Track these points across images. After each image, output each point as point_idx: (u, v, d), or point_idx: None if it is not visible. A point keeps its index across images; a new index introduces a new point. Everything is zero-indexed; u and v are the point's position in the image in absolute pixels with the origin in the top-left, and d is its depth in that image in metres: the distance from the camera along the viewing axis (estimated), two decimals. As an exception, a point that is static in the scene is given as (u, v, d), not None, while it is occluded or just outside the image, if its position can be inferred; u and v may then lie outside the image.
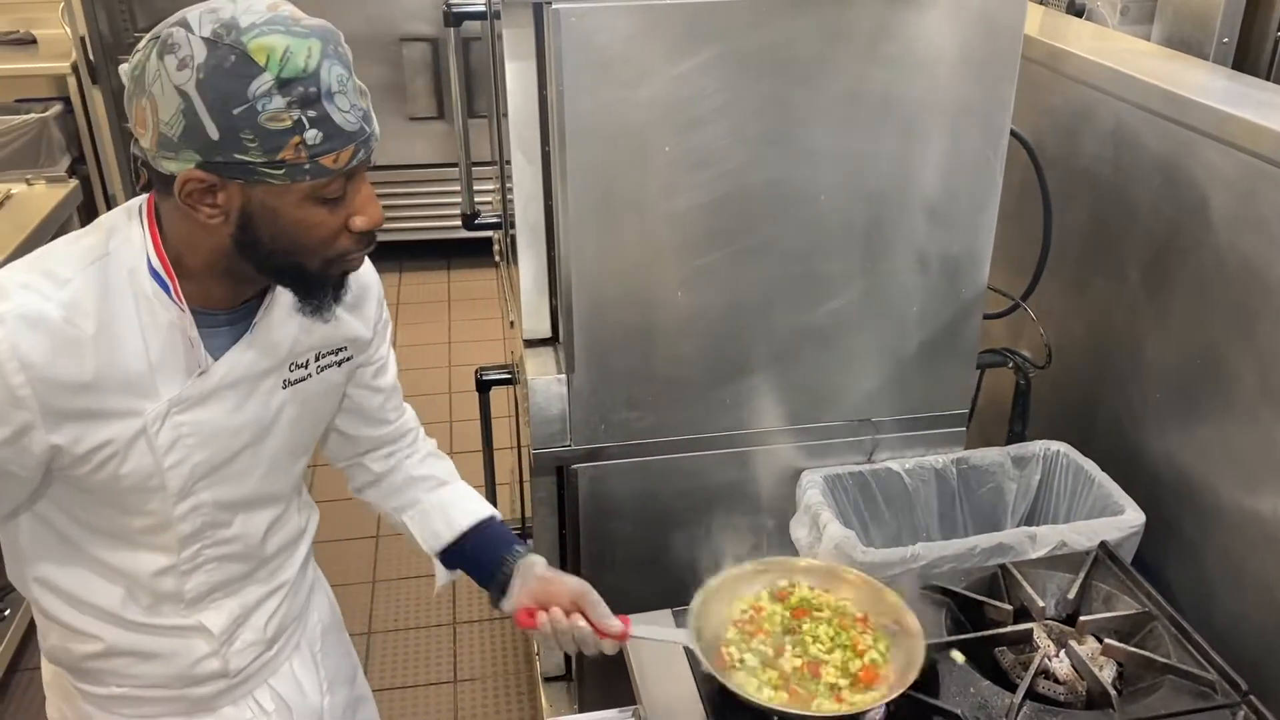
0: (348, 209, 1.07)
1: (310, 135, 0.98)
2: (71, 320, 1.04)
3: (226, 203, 1.02)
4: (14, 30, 4.82)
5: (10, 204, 2.83)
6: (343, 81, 1.01)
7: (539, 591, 1.32)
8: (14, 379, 1.02)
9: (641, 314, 1.82)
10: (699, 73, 1.65)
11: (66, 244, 1.10)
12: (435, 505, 1.41)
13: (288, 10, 1.02)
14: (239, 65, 0.96)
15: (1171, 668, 1.36)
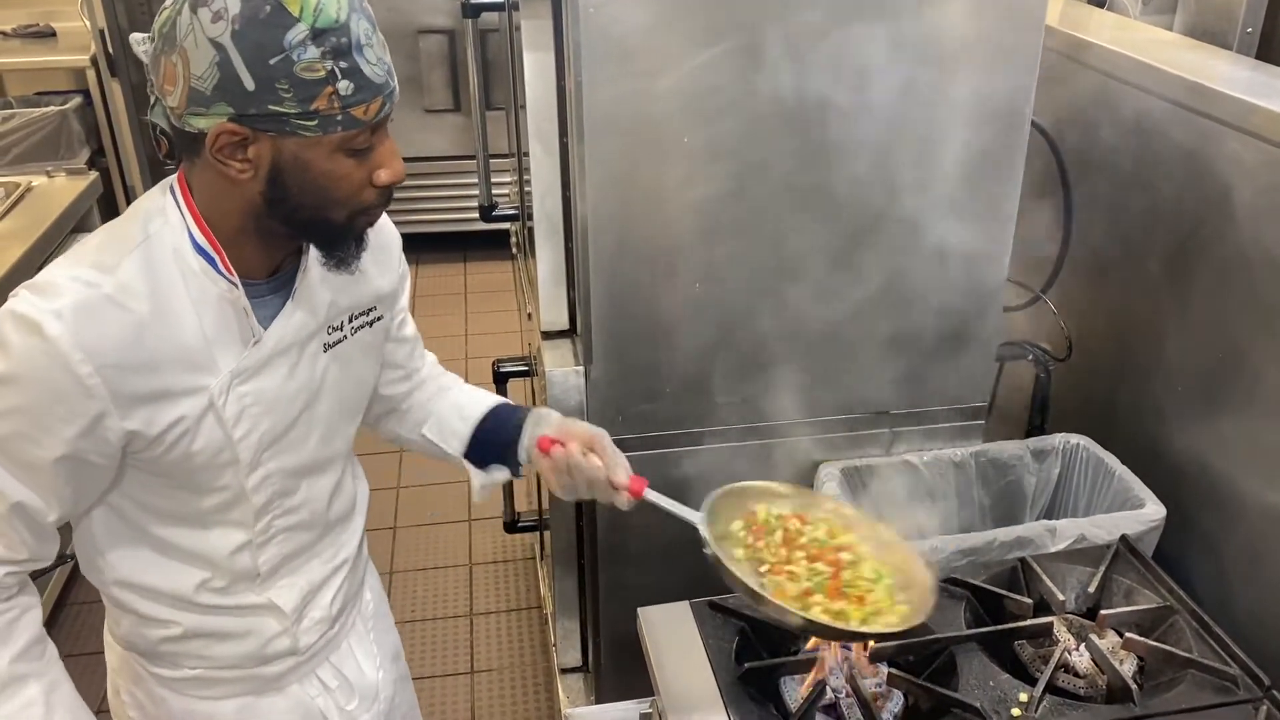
0: (372, 162, 1.09)
1: (343, 86, 1.00)
2: (125, 304, 1.05)
3: (257, 156, 1.04)
4: (33, 23, 4.85)
5: (31, 196, 2.85)
6: (369, 34, 1.03)
7: (556, 433, 1.33)
8: (81, 369, 1.03)
9: (660, 306, 1.81)
10: (718, 64, 1.64)
11: (106, 234, 1.11)
12: (448, 407, 1.45)
13: None
14: (274, 15, 0.97)
15: (1193, 662, 1.35)
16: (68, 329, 1.02)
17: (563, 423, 1.36)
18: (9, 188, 2.86)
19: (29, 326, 1.02)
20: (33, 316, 1.02)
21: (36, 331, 1.02)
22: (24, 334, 1.02)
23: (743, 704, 1.33)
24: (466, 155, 4.65)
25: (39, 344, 1.02)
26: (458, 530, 3.11)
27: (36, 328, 1.02)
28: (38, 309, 1.02)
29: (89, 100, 4.59)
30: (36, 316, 1.02)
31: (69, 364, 1.03)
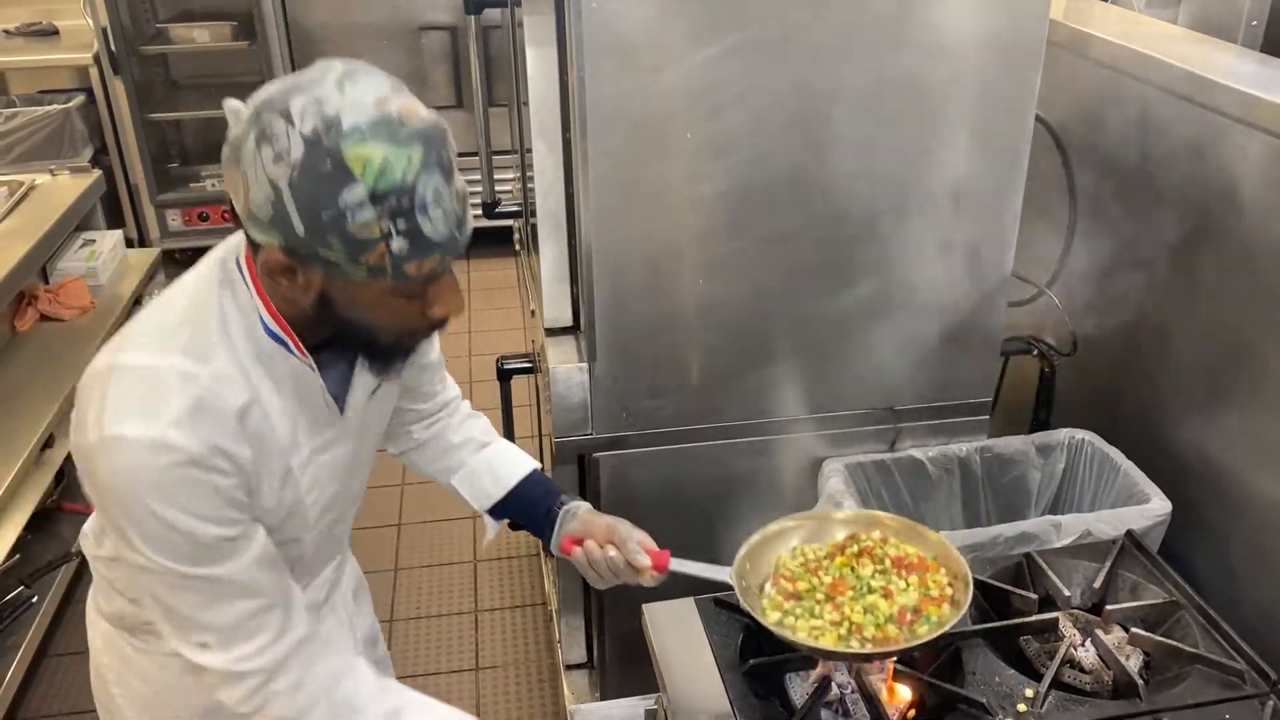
0: (427, 301, 1.09)
1: (397, 244, 0.98)
2: (225, 395, 1.07)
3: (306, 283, 1.04)
4: (36, 21, 4.85)
5: (34, 194, 2.85)
6: (439, 192, 0.99)
7: (578, 531, 1.41)
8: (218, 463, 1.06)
9: (663, 302, 1.81)
10: (721, 59, 1.64)
11: (185, 311, 1.10)
12: (482, 465, 1.48)
13: (398, 106, 0.99)
14: (333, 173, 0.95)
15: (1199, 657, 1.35)
16: (191, 436, 1.04)
17: (585, 518, 1.43)
18: (12, 186, 2.86)
19: (156, 447, 1.03)
20: (156, 437, 1.03)
21: (165, 448, 1.03)
22: (157, 454, 1.03)
23: (748, 700, 1.33)
24: (469, 152, 4.61)
25: (172, 457, 1.04)
26: (462, 527, 3.11)
27: (163, 445, 1.03)
28: (157, 428, 1.03)
29: (92, 98, 4.59)
30: (160, 435, 1.03)
31: (207, 465, 1.05)
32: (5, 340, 2.53)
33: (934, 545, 1.41)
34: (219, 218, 4.74)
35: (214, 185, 4.74)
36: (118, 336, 1.12)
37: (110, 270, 2.86)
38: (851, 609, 1.31)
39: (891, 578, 1.36)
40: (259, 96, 1.00)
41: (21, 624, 2.35)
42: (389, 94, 0.99)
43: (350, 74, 0.99)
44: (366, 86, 0.99)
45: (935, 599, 1.33)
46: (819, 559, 1.43)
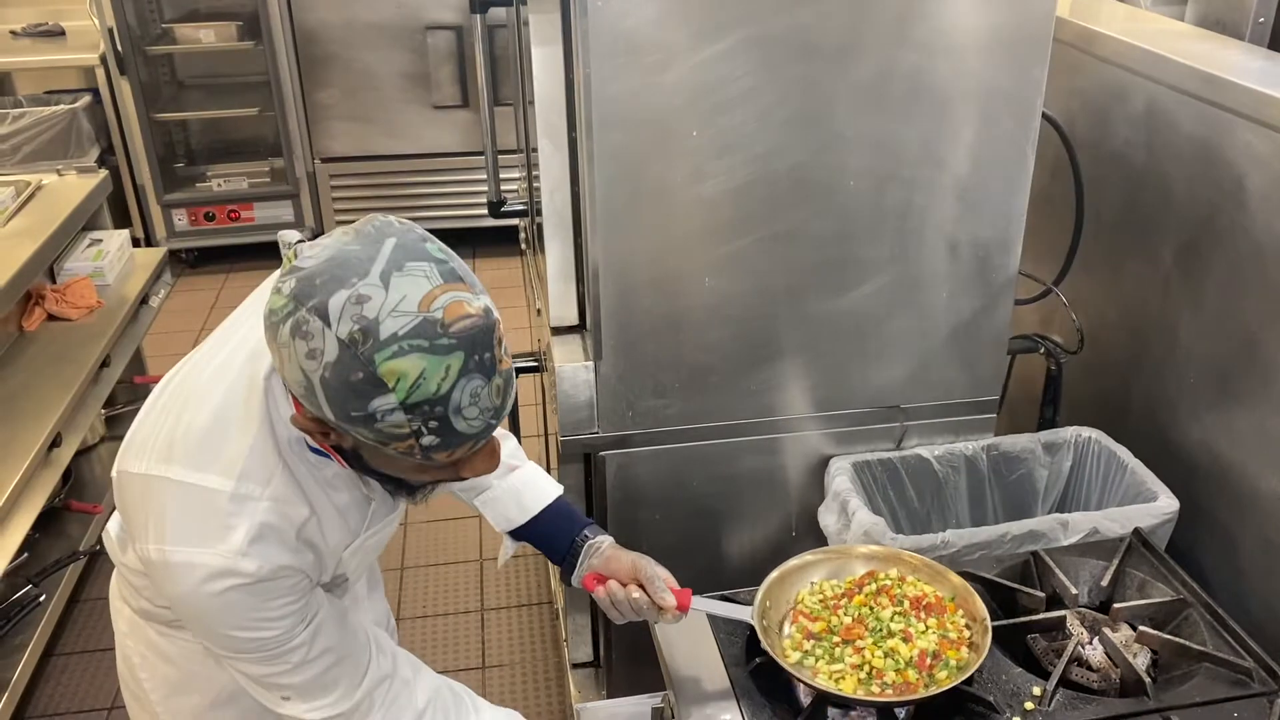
0: (457, 468, 1.08)
1: (427, 440, 0.98)
2: (288, 515, 1.10)
3: (338, 441, 1.05)
4: (42, 22, 4.87)
5: (42, 194, 2.85)
6: (475, 395, 0.97)
7: (601, 568, 1.40)
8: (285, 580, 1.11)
9: (669, 301, 1.81)
10: (726, 56, 1.64)
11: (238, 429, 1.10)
12: (507, 490, 1.48)
13: (444, 305, 0.95)
14: (366, 384, 0.94)
15: (1207, 655, 1.35)
16: (259, 561, 1.07)
17: (610, 554, 1.42)
18: (19, 186, 2.86)
19: (223, 574, 1.06)
20: (221, 567, 1.06)
21: (231, 574, 1.06)
22: (223, 579, 1.07)
23: (754, 699, 1.33)
24: (474, 151, 4.65)
25: (241, 580, 1.07)
26: (468, 526, 3.11)
27: (229, 572, 1.06)
28: (224, 557, 1.06)
29: (98, 98, 4.60)
30: (225, 564, 1.06)
31: (275, 581, 1.10)
32: (12, 339, 2.54)
33: (954, 587, 1.41)
34: (225, 217, 4.75)
35: (220, 185, 4.75)
36: (166, 437, 1.10)
37: (117, 270, 2.86)
38: (872, 653, 1.32)
39: (910, 620, 1.36)
40: (303, 271, 0.96)
41: (29, 623, 2.36)
42: (437, 289, 0.96)
43: (399, 262, 0.95)
44: (413, 281, 0.95)
45: (954, 642, 1.33)
46: (837, 596, 1.43)
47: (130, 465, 1.12)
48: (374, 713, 1.22)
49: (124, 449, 1.15)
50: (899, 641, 1.31)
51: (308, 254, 0.98)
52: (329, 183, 4.75)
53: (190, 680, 1.34)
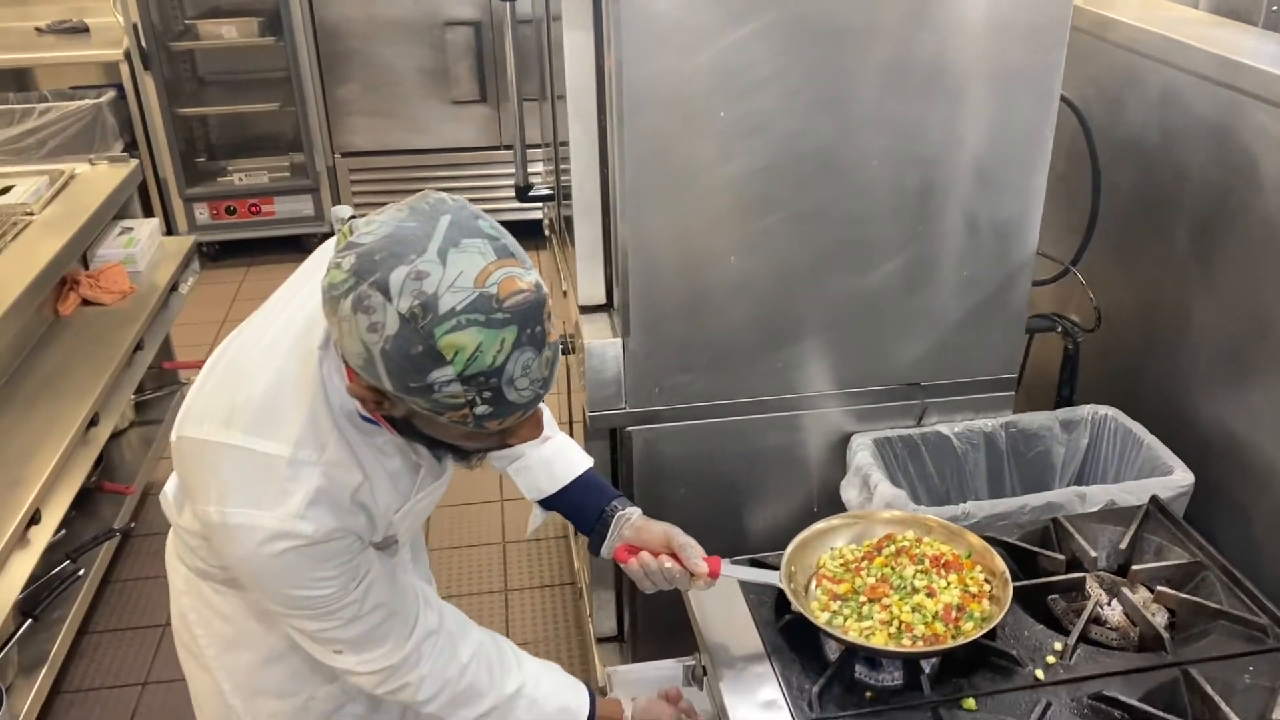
0: (505, 435, 1.12)
1: (480, 409, 1.02)
2: (342, 481, 1.15)
3: (391, 409, 1.10)
4: (66, 19, 4.94)
5: (74, 184, 2.92)
6: (527, 366, 1.02)
7: (632, 538, 1.44)
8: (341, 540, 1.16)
9: (695, 279, 1.85)
10: (753, 40, 1.68)
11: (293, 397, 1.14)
12: (539, 460, 1.51)
13: (499, 280, 0.99)
14: (425, 356, 0.98)
15: (1223, 613, 1.39)
16: (316, 524, 1.13)
17: (640, 525, 1.46)
18: (53, 175, 2.92)
19: (281, 535, 1.12)
20: (280, 529, 1.12)
21: (289, 535, 1.12)
22: (281, 540, 1.12)
23: (784, 654, 1.37)
24: (492, 146, 4.71)
25: (297, 543, 1.13)
26: (491, 510, 3.16)
27: (286, 534, 1.12)
28: (281, 520, 1.12)
29: (122, 94, 4.67)
30: (283, 526, 1.12)
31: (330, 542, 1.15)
32: (49, 323, 2.60)
33: (971, 545, 1.46)
34: (245, 211, 4.82)
35: (241, 179, 4.81)
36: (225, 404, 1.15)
37: (148, 257, 2.92)
38: (900, 608, 1.36)
39: (932, 576, 1.41)
40: (361, 246, 1.00)
41: (66, 598, 2.41)
42: (491, 265, 1.00)
43: (455, 239, 0.99)
44: (470, 257, 0.99)
45: (975, 595, 1.37)
46: (857, 560, 1.48)
47: (190, 431, 1.17)
48: (422, 664, 1.27)
49: (182, 416, 1.20)
50: (924, 597, 1.36)
51: (364, 230, 1.02)
52: (349, 177, 4.81)
53: (243, 637, 1.39)
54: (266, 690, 1.41)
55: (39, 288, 2.44)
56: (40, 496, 2.04)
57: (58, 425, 2.22)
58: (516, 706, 1.34)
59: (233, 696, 1.42)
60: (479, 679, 1.32)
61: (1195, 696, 1.27)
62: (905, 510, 1.67)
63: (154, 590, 2.86)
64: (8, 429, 2.19)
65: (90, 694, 2.54)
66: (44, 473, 2.07)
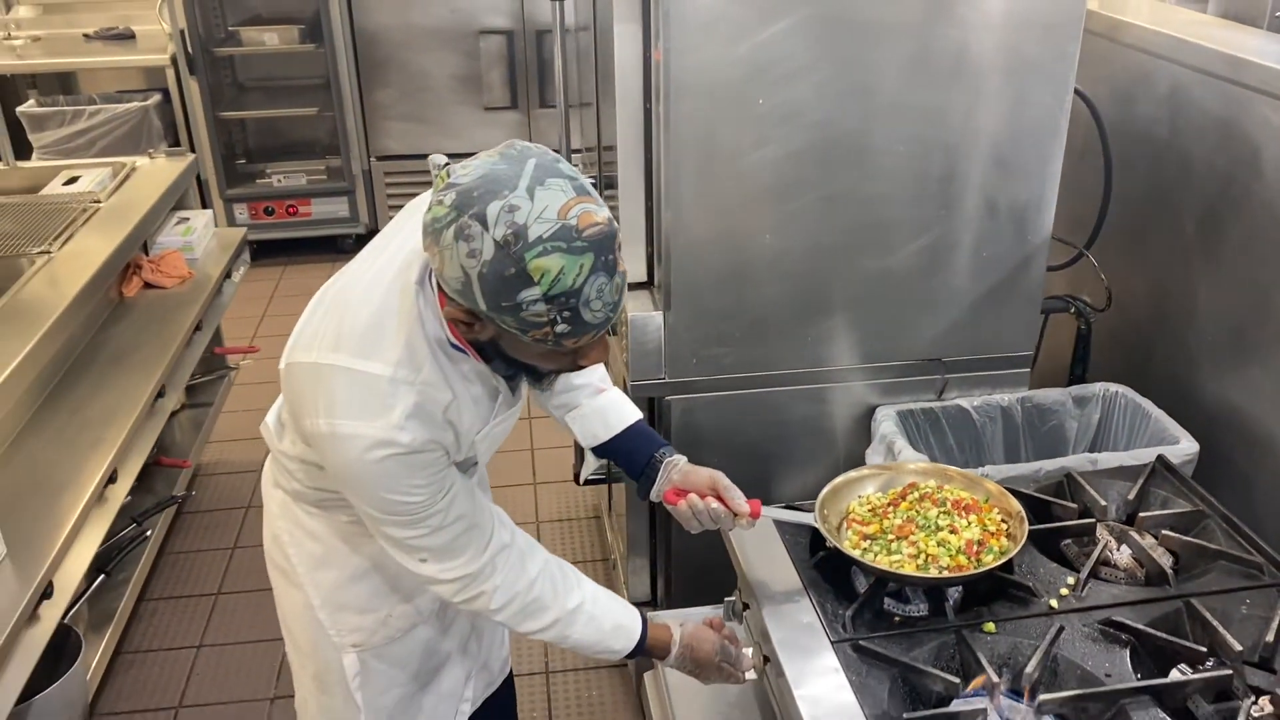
0: (579, 355, 1.27)
1: (560, 328, 1.16)
2: (435, 398, 1.29)
3: (480, 330, 1.24)
4: (114, 26, 5.13)
5: (137, 175, 3.08)
6: (602, 290, 1.15)
7: (680, 482, 1.57)
8: (430, 452, 1.29)
9: (731, 256, 1.99)
10: (788, 34, 1.82)
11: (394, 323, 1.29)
12: (594, 410, 1.65)
13: (578, 214, 1.12)
14: (516, 278, 1.11)
15: (1223, 554, 1.51)
16: (412, 435, 1.26)
17: (686, 469, 1.58)
18: (116, 167, 3.09)
19: (383, 444, 1.25)
20: (383, 437, 1.25)
21: (390, 444, 1.26)
22: (383, 448, 1.26)
23: (819, 586, 1.50)
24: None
25: (396, 450, 1.26)
26: (523, 493, 3.29)
27: (388, 442, 1.25)
28: (383, 430, 1.25)
29: (167, 97, 4.85)
30: (386, 435, 1.25)
31: (423, 453, 1.29)
32: (114, 304, 2.75)
33: (989, 491, 1.59)
34: (283, 212, 4.97)
35: (279, 181, 4.98)
36: (333, 333, 1.30)
37: (204, 245, 3.07)
38: (926, 543, 1.49)
39: (954, 517, 1.53)
40: (460, 185, 1.13)
41: (130, 561, 2.55)
42: (571, 201, 1.13)
43: (540, 178, 1.14)
44: (554, 193, 1.13)
45: (994, 533, 1.50)
46: (883, 505, 1.60)
47: (299, 357, 1.31)
48: (496, 575, 1.40)
49: (291, 346, 1.34)
50: (947, 534, 1.48)
51: (461, 172, 1.16)
52: (383, 180, 4.98)
53: (332, 555, 1.53)
54: (350, 606, 1.54)
55: (109, 269, 2.59)
56: (117, 458, 2.18)
57: (129, 396, 2.36)
58: (577, 620, 1.46)
59: (320, 610, 1.55)
60: (544, 593, 1.44)
61: (1196, 624, 1.39)
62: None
63: (207, 561, 3.00)
64: (85, 397, 2.34)
65: (148, 655, 2.68)
66: (120, 437, 2.22)
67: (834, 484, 1.63)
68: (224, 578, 2.94)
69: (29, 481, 2.06)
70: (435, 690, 1.67)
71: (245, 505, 3.23)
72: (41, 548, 1.89)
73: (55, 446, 2.18)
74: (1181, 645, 1.35)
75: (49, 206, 2.83)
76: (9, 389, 2.10)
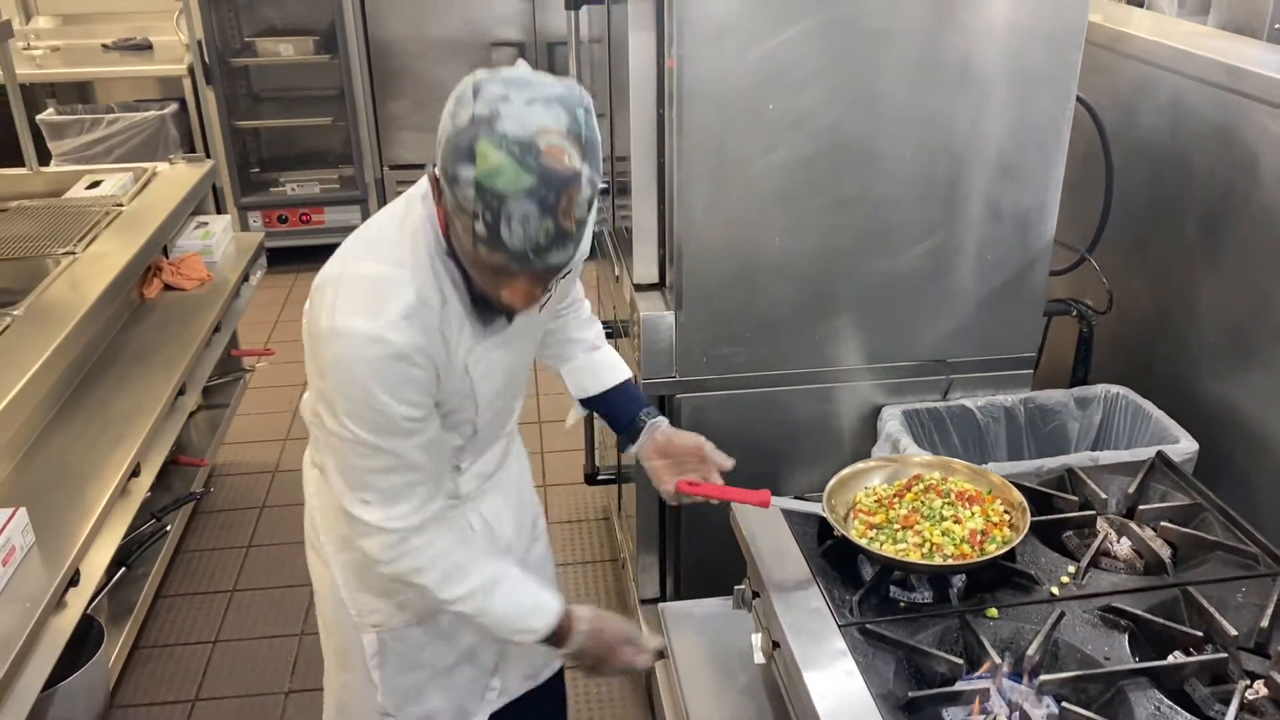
0: (500, 285, 1.30)
1: (479, 227, 1.19)
2: (428, 303, 1.33)
3: (441, 205, 1.29)
4: (131, 37, 5.21)
5: (157, 180, 3.15)
6: (527, 218, 1.16)
7: (664, 445, 1.65)
8: (418, 359, 1.32)
9: (741, 258, 2.04)
10: (797, 41, 1.88)
11: (395, 229, 1.36)
12: (587, 365, 1.73)
13: (550, 144, 1.14)
14: (464, 152, 1.15)
15: (1220, 545, 1.55)
16: (405, 336, 1.30)
17: (670, 434, 1.66)
18: (137, 172, 3.16)
19: (376, 340, 1.30)
20: (377, 333, 1.29)
21: (383, 342, 1.30)
22: (376, 346, 1.30)
23: (827, 574, 1.54)
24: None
25: (389, 350, 1.30)
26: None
27: (381, 340, 1.30)
28: (379, 326, 1.29)
29: (183, 107, 4.93)
30: (380, 333, 1.29)
31: (410, 359, 1.32)
32: (136, 305, 2.81)
33: (992, 484, 1.64)
34: (296, 220, 5.04)
35: (293, 190, 5.04)
36: (347, 247, 1.38)
37: (222, 249, 3.13)
38: (931, 532, 1.53)
39: (958, 508, 1.58)
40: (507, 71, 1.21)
41: (148, 557, 2.60)
42: (551, 130, 1.15)
43: (545, 99, 1.17)
44: (544, 115, 1.16)
45: (996, 524, 1.55)
46: (889, 497, 1.65)
47: (324, 270, 1.38)
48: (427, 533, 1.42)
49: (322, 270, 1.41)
50: (952, 524, 1.53)
51: (523, 64, 1.24)
52: (396, 189, 5.04)
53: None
54: (370, 587, 1.59)
55: (131, 271, 2.66)
56: (140, 453, 2.23)
57: (151, 393, 2.41)
58: (498, 590, 1.47)
59: (343, 589, 1.60)
60: (468, 559, 1.47)
61: (1193, 611, 1.44)
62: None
63: (222, 559, 3.05)
64: (109, 395, 2.39)
65: (165, 649, 2.72)
66: (142, 433, 2.27)
67: (841, 475, 1.67)
68: (239, 575, 2.99)
69: (55, 474, 2.12)
70: (456, 677, 1.71)
71: (259, 505, 3.28)
72: (69, 537, 1.94)
73: (80, 441, 2.23)
74: (1179, 630, 1.39)
75: (73, 210, 2.90)
76: (36, 384, 2.15)
